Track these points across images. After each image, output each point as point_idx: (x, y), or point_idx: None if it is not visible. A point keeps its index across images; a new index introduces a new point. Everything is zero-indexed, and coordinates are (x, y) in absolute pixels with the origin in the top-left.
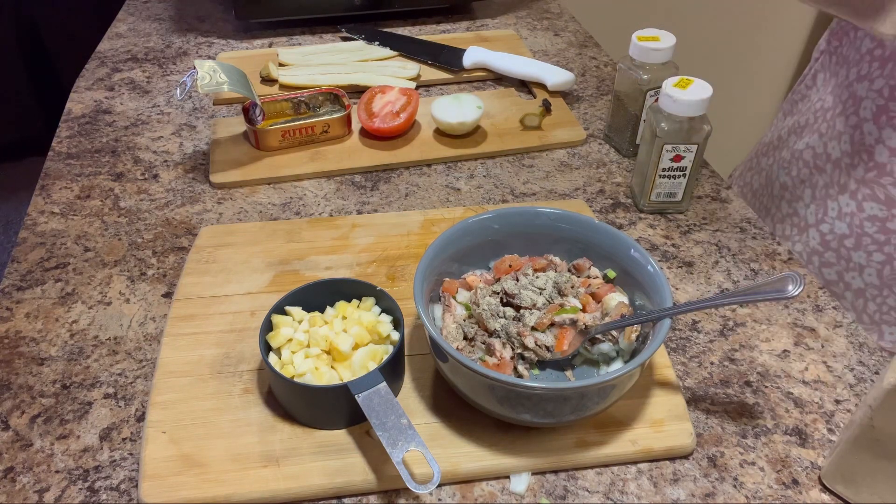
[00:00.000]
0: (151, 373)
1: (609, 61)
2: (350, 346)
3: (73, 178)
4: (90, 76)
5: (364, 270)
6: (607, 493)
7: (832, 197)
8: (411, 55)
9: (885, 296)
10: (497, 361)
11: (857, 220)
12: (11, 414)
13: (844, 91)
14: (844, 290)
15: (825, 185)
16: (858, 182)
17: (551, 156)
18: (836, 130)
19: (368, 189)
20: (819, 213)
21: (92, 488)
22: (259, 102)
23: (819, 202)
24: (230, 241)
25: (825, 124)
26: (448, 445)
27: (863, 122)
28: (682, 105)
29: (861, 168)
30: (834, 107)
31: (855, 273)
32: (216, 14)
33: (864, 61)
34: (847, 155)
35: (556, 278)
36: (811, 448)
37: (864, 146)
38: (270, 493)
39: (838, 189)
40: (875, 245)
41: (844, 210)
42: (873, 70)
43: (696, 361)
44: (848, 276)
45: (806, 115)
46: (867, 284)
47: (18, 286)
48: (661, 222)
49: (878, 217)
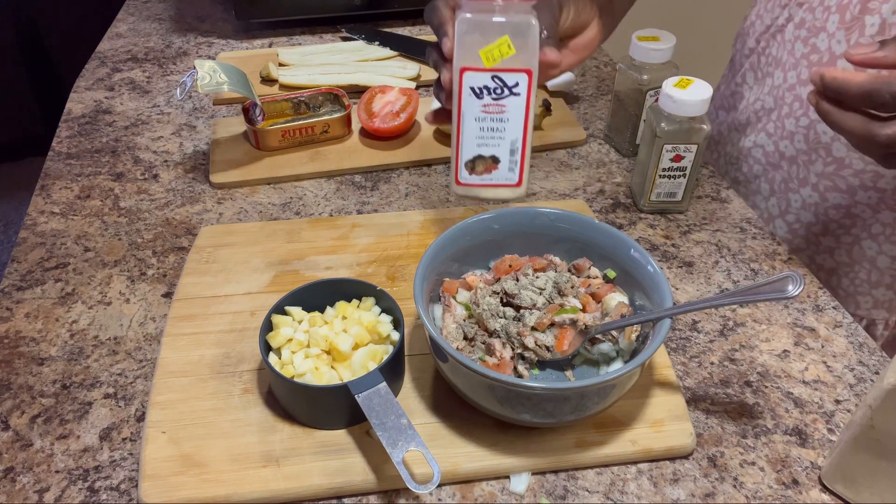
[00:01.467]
0: (151, 373)
1: (609, 61)
2: (350, 346)
3: (73, 178)
4: (90, 76)
5: (364, 270)
6: (607, 493)
7: (793, 190)
8: (411, 55)
9: (856, 271)
10: (497, 361)
11: (822, 208)
12: (11, 414)
13: (787, 94)
14: (817, 270)
15: (784, 180)
16: (818, 176)
17: (551, 156)
18: (786, 131)
19: (368, 189)
20: (782, 206)
21: (92, 488)
22: (259, 102)
23: (780, 195)
24: (230, 241)
25: (771, 124)
26: (448, 445)
27: (815, 123)
28: (682, 105)
29: (819, 163)
30: (777, 108)
31: (826, 255)
32: (216, 14)
33: (801, 66)
34: (803, 153)
35: (556, 278)
36: (811, 448)
37: (820, 144)
38: (270, 493)
39: (798, 183)
40: (842, 229)
41: (808, 201)
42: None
43: (696, 361)
44: (819, 259)
45: (745, 113)
46: (839, 263)
47: (18, 286)
48: (661, 222)
49: (843, 205)
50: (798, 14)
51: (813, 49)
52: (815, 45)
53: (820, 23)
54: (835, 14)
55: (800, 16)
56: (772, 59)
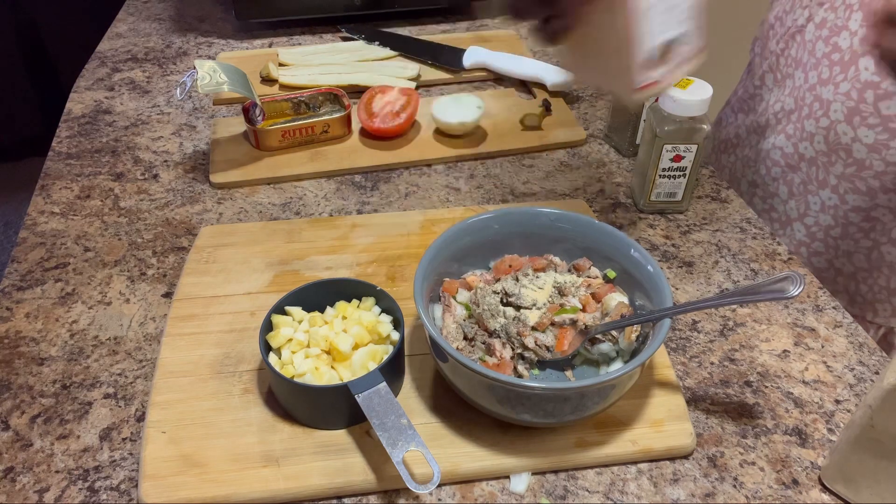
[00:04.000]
0: (151, 373)
1: None
2: (350, 346)
3: (73, 178)
4: (90, 76)
5: (364, 270)
6: (607, 493)
7: (812, 192)
8: (411, 55)
9: (875, 277)
10: (497, 361)
11: (842, 211)
12: (11, 414)
13: (807, 94)
14: (836, 275)
15: (803, 182)
16: (838, 177)
17: (551, 156)
18: (806, 132)
19: (368, 189)
20: (801, 208)
21: (92, 488)
22: (259, 102)
23: (799, 198)
24: (230, 241)
25: (791, 126)
26: (448, 445)
27: (835, 124)
28: (682, 105)
29: (839, 165)
30: (797, 109)
31: (844, 259)
32: (216, 14)
33: (822, 65)
34: (823, 154)
35: (556, 278)
36: (811, 448)
37: (840, 145)
38: (270, 493)
39: (818, 185)
40: (861, 233)
41: (827, 203)
42: (836, 74)
43: (696, 361)
44: (838, 263)
45: (764, 115)
46: (857, 268)
47: (18, 286)
48: (661, 222)
49: (862, 207)
50: (819, 14)
51: (834, 48)
52: (837, 44)
53: (842, 21)
54: (857, 12)
55: (820, 15)
56: (791, 60)
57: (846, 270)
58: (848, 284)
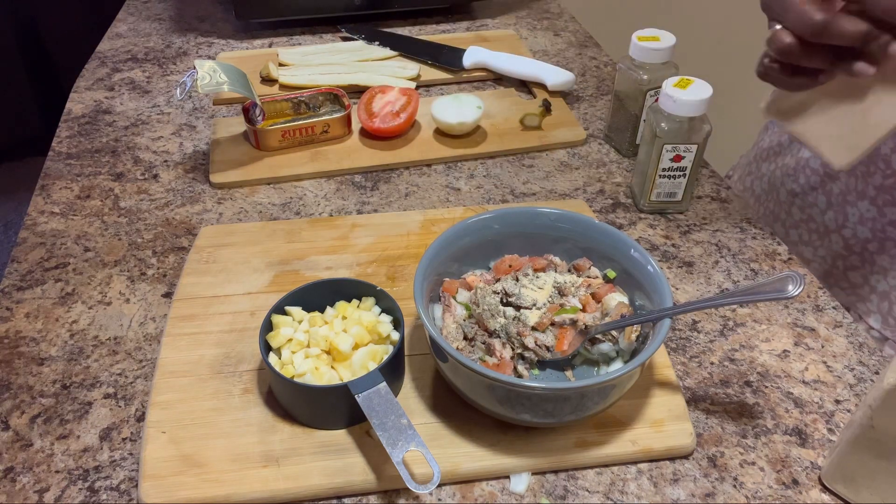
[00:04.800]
0: (151, 373)
1: (609, 61)
2: (350, 346)
3: (73, 178)
4: (90, 76)
5: (364, 270)
6: (607, 493)
7: (851, 203)
8: (411, 55)
9: None
10: (497, 361)
11: (880, 224)
12: (11, 414)
13: None
14: (870, 292)
15: (841, 193)
16: (877, 189)
17: (551, 156)
18: None
19: (368, 189)
20: (839, 219)
21: (92, 488)
22: (259, 102)
23: (837, 208)
24: (230, 241)
25: None
26: (448, 445)
27: None
28: (682, 105)
29: (878, 176)
30: None
31: (880, 276)
32: (216, 14)
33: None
34: (862, 164)
35: (556, 278)
36: (811, 448)
37: (879, 156)
38: (270, 493)
39: (857, 196)
40: None
41: (866, 216)
42: None
43: (696, 361)
44: (873, 280)
45: None
46: (891, 287)
47: (18, 286)
48: (661, 222)
49: None
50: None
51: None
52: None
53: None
54: None
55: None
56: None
57: (880, 288)
58: (881, 304)
